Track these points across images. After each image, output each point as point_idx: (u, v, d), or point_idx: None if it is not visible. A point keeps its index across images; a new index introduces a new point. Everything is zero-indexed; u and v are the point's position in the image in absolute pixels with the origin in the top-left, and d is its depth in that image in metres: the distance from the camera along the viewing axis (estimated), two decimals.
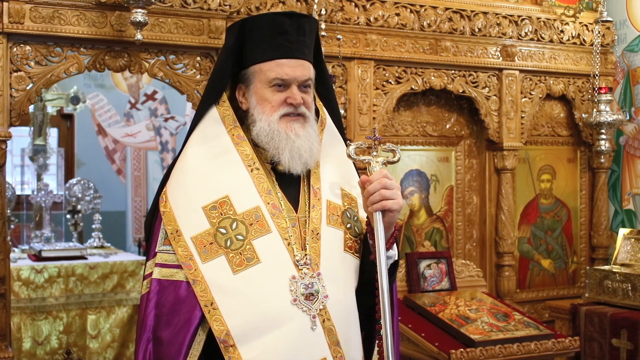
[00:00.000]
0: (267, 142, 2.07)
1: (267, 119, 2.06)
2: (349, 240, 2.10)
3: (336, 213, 2.11)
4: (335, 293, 2.02)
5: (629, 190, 4.85)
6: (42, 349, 5.45)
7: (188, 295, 1.96)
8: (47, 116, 6.88)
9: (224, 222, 2.00)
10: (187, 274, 1.97)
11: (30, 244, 6.23)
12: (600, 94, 4.63)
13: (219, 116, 2.13)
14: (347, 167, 2.23)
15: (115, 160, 9.78)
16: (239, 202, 2.03)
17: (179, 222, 2.02)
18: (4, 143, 3.39)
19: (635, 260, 4.36)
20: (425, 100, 4.54)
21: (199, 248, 1.98)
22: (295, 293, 1.96)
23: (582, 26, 4.79)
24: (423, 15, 4.30)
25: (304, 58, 2.10)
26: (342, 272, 2.07)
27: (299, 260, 2.00)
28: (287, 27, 2.08)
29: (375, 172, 2.03)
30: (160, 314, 1.99)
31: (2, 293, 3.42)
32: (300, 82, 2.08)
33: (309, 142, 2.08)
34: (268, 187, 2.06)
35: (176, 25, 3.65)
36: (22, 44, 3.43)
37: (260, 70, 2.08)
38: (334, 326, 1.99)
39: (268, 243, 2.00)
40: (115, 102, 9.24)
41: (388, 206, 1.99)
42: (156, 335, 1.98)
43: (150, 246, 2.09)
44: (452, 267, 4.11)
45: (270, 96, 2.07)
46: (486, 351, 3.44)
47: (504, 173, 4.60)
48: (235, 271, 1.96)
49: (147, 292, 2.02)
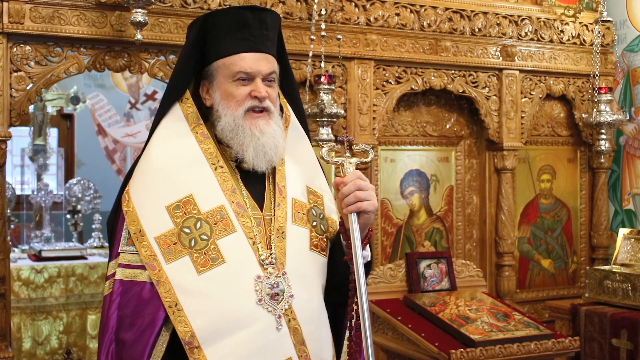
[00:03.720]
0: (232, 137, 2.04)
1: (232, 113, 2.03)
2: (315, 239, 2.08)
3: (302, 211, 2.09)
4: (301, 292, 2.00)
5: (629, 190, 4.85)
6: (42, 349, 5.45)
7: (152, 297, 1.93)
8: (47, 116, 6.88)
9: (188, 222, 1.97)
10: (150, 274, 1.94)
11: (30, 244, 6.23)
12: (600, 94, 4.63)
13: (182, 114, 2.09)
14: (312, 165, 2.20)
15: (115, 160, 9.78)
16: (203, 201, 1.99)
17: (142, 221, 1.99)
18: (4, 143, 3.39)
19: (635, 260, 4.36)
20: (425, 100, 4.54)
21: (163, 248, 1.95)
22: (260, 293, 1.94)
23: (582, 26, 4.79)
24: (423, 15, 4.30)
25: (267, 52, 2.07)
26: (308, 270, 2.05)
27: (264, 259, 1.98)
28: (250, 21, 2.05)
29: (349, 173, 2.00)
30: (123, 315, 1.95)
31: (2, 293, 3.42)
32: (264, 76, 2.05)
33: (274, 139, 2.05)
34: (232, 185, 2.03)
35: (176, 25, 3.65)
36: (22, 44, 3.43)
37: (223, 64, 2.05)
38: (300, 325, 1.97)
39: (233, 242, 1.97)
40: (115, 102, 9.24)
41: (363, 207, 1.97)
42: (119, 337, 1.94)
43: (113, 246, 2.06)
44: (452, 267, 4.11)
45: (234, 90, 2.03)
46: (486, 351, 3.44)
47: (504, 173, 4.60)
48: (200, 271, 1.93)
49: (110, 293, 1.98)
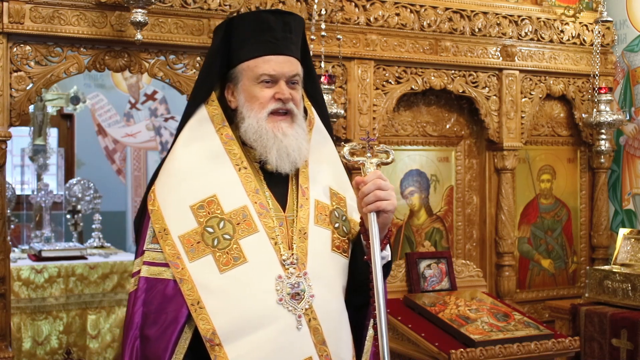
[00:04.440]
0: (255, 139, 2.07)
1: (256, 116, 2.07)
2: (337, 240, 2.11)
3: (324, 212, 2.12)
4: (322, 292, 2.02)
5: (629, 190, 4.85)
6: (42, 349, 5.45)
7: (175, 294, 1.98)
8: (47, 116, 6.88)
9: (211, 221, 2.01)
10: (174, 272, 1.98)
11: (30, 244, 6.23)
12: (600, 94, 4.63)
13: (208, 115, 2.13)
14: (336, 167, 2.23)
15: (115, 160, 9.79)
16: (226, 202, 2.03)
17: (167, 220, 2.03)
18: (4, 143, 3.39)
19: (635, 260, 4.36)
20: (425, 100, 4.54)
21: (186, 247, 1.99)
22: (281, 292, 1.97)
23: (582, 26, 4.79)
24: (423, 15, 4.30)
25: (290, 54, 2.10)
26: (330, 271, 2.08)
27: (285, 259, 2.00)
28: (273, 24, 2.08)
29: (369, 173, 2.04)
30: (147, 312, 2.00)
31: (2, 293, 3.42)
32: (287, 78, 2.08)
33: (297, 141, 2.08)
34: (256, 186, 2.07)
35: (176, 25, 3.65)
36: (22, 44, 3.43)
37: (247, 67, 2.09)
38: (320, 325, 2.00)
39: (255, 242, 2.00)
40: (115, 102, 9.24)
41: (382, 207, 2.00)
42: (143, 333, 1.99)
43: (139, 244, 2.10)
44: (452, 267, 4.11)
45: (258, 92, 2.07)
46: (486, 351, 3.44)
47: (504, 173, 4.60)
48: (222, 270, 1.97)
49: (135, 290, 2.04)
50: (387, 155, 2.10)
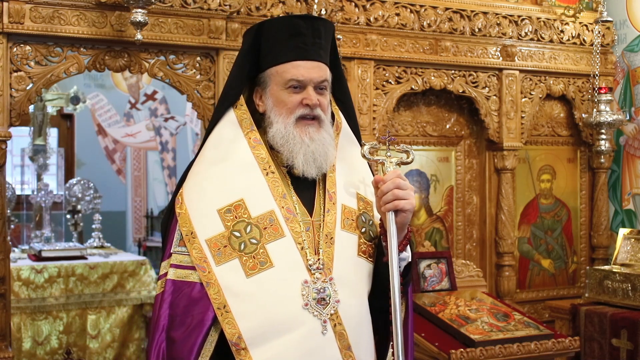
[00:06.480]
0: (282, 144, 2.08)
1: (284, 121, 2.07)
2: (363, 245, 2.11)
3: (351, 217, 2.12)
4: (347, 298, 2.02)
5: (629, 190, 4.85)
6: (42, 349, 5.45)
7: (201, 297, 1.98)
8: (47, 116, 6.88)
9: (238, 226, 2.02)
10: (200, 276, 1.99)
11: (30, 244, 6.23)
12: (600, 94, 4.63)
13: (236, 119, 2.14)
14: (363, 171, 2.23)
15: (115, 160, 9.79)
16: (253, 206, 2.04)
17: (194, 224, 2.04)
18: (4, 143, 3.39)
19: (635, 260, 4.36)
20: (425, 100, 4.54)
21: (213, 250, 2.00)
22: (307, 297, 1.97)
23: (582, 26, 4.79)
24: (423, 15, 4.30)
25: (319, 60, 2.11)
26: (355, 276, 2.08)
27: (311, 264, 2.01)
28: (303, 30, 2.09)
29: (388, 172, 2.05)
30: (174, 314, 2.01)
31: (2, 293, 3.42)
32: (316, 84, 2.08)
33: (324, 146, 2.08)
34: (283, 191, 2.07)
35: (176, 25, 3.65)
36: (22, 44, 3.43)
37: (276, 72, 2.09)
38: (345, 330, 2.00)
39: (281, 247, 2.01)
40: (115, 102, 9.25)
41: (401, 206, 2.00)
42: (169, 335, 2.00)
43: (166, 247, 2.11)
44: (452, 267, 4.11)
45: (286, 98, 2.08)
46: (486, 351, 3.44)
47: (504, 173, 4.60)
48: (249, 275, 1.97)
49: (162, 292, 2.04)
50: (408, 154, 2.11)
